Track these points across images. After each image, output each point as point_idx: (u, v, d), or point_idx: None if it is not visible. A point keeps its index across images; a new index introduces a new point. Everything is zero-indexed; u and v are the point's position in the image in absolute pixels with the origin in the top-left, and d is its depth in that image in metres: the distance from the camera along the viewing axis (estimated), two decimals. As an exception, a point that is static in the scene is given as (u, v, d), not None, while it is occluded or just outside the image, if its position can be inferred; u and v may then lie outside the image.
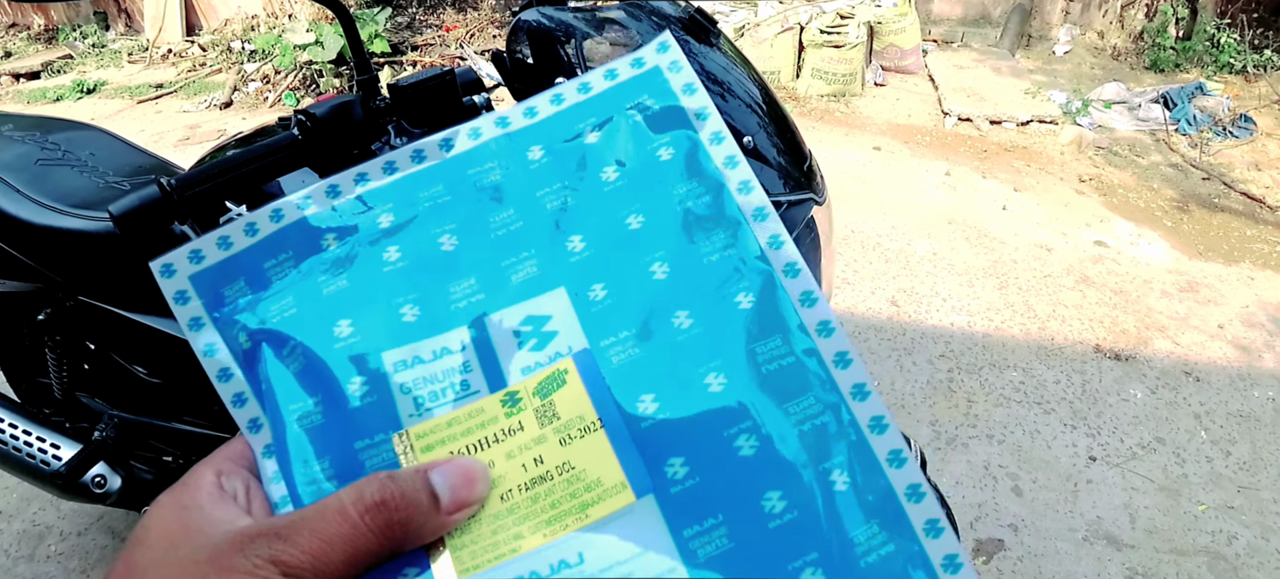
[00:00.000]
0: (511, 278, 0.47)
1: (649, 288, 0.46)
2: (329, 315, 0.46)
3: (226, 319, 0.47)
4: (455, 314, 0.46)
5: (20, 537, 2.35)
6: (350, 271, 0.47)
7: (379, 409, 0.44)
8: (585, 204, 0.48)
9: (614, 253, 0.47)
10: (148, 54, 7.61)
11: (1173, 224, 4.29)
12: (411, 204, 0.49)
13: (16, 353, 1.99)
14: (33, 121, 1.90)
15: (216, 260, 0.48)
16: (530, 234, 0.48)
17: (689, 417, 0.42)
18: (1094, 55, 6.91)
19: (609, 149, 0.49)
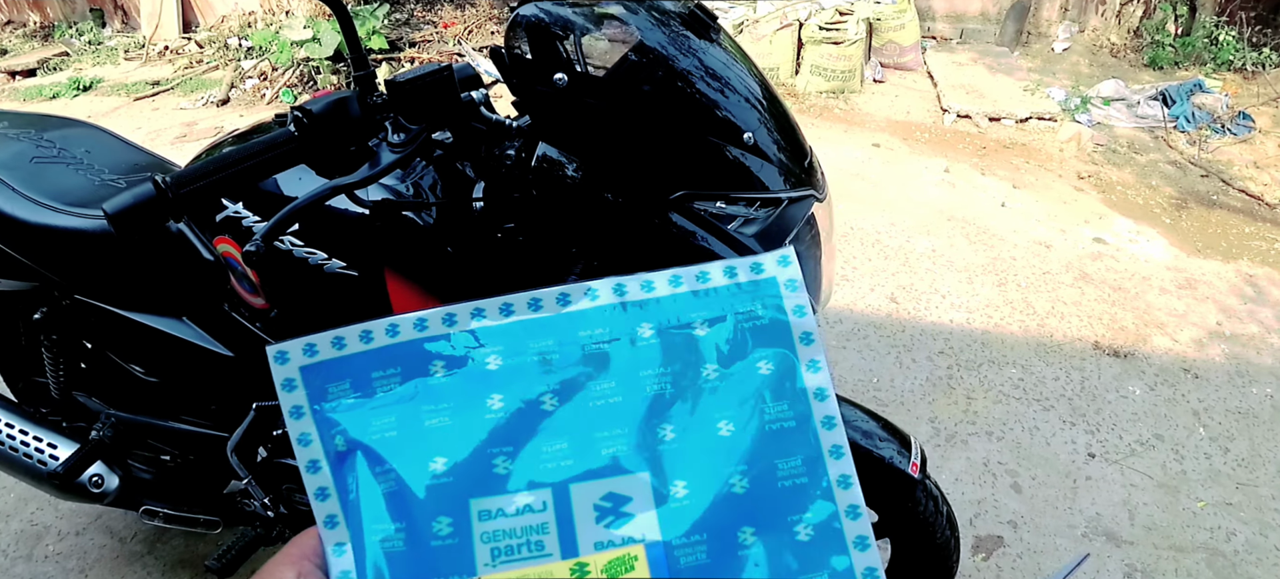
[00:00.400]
0: (602, 451, 0.49)
1: (726, 499, 0.47)
2: (427, 448, 0.49)
3: (326, 417, 0.50)
4: (543, 474, 0.48)
5: (18, 536, 2.35)
6: (454, 409, 0.50)
7: (459, 552, 0.46)
8: (683, 397, 0.50)
9: (700, 454, 0.48)
10: (144, 51, 7.59)
11: (1171, 221, 4.29)
12: (521, 351, 0.51)
13: (13, 352, 1.98)
14: (28, 119, 1.90)
15: (328, 357, 0.51)
16: (627, 413, 0.50)
17: None
18: (1093, 52, 6.90)
19: (715, 348, 0.51)
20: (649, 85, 1.11)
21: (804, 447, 0.49)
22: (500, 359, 0.51)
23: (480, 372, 0.50)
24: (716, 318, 0.52)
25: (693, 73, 1.13)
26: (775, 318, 0.52)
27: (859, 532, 0.48)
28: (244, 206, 1.32)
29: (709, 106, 1.12)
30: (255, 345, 1.54)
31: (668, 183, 1.11)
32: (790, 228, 1.14)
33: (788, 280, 0.52)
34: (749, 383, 0.50)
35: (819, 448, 0.49)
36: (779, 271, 0.53)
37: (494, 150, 1.19)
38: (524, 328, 0.51)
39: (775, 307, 0.52)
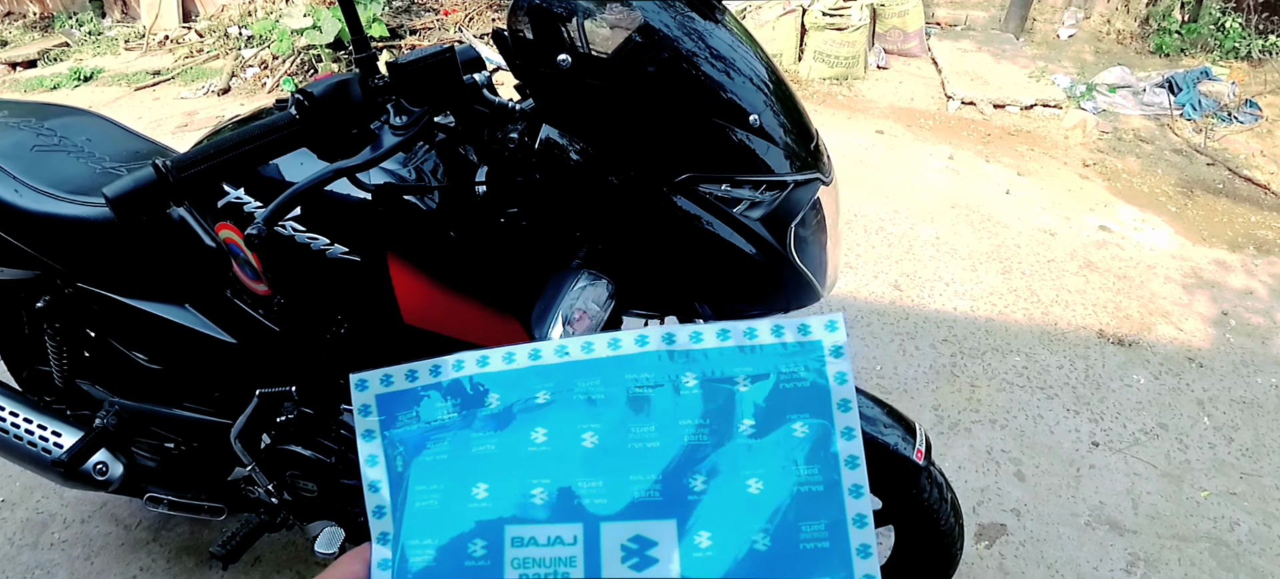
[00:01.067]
0: (634, 494, 0.50)
1: (748, 556, 0.48)
2: (472, 473, 0.52)
3: (393, 440, 0.54)
4: (577, 509, 0.50)
5: (24, 525, 2.35)
6: (501, 438, 0.53)
7: (489, 574, 0.49)
8: (718, 450, 0.51)
9: (728, 508, 0.50)
10: (144, 41, 7.58)
11: (1177, 210, 4.27)
12: (569, 389, 0.54)
13: (16, 341, 1.98)
14: (28, 108, 1.89)
15: (401, 388, 0.56)
16: (662, 459, 0.51)
17: None
18: (1098, 39, 6.87)
19: (754, 404, 0.52)
20: (653, 66, 1.11)
21: (830, 512, 0.50)
22: (549, 395, 0.53)
23: (530, 406, 0.53)
24: (759, 375, 0.53)
25: (697, 54, 1.12)
26: (816, 382, 0.52)
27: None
28: (246, 192, 1.31)
29: (714, 88, 1.11)
30: (258, 332, 1.53)
31: (672, 165, 1.10)
32: (796, 211, 1.13)
33: (833, 346, 0.53)
34: (783, 443, 0.51)
35: (844, 514, 0.50)
36: (826, 336, 0.54)
37: (497, 134, 1.18)
38: (574, 368, 0.54)
39: (818, 371, 0.53)
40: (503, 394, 0.54)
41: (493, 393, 0.54)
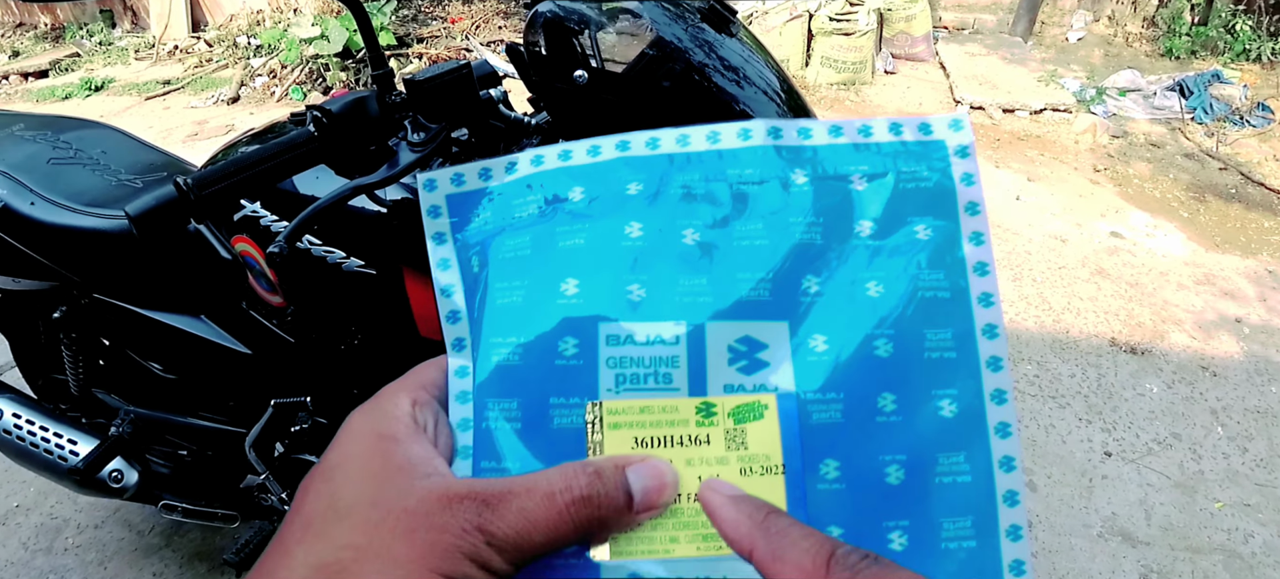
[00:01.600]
0: (742, 293, 0.46)
1: (867, 361, 0.44)
2: (559, 269, 0.47)
3: (466, 241, 0.50)
4: (678, 308, 0.46)
5: (38, 530, 2.37)
6: (590, 232, 0.48)
7: (581, 374, 0.45)
8: (832, 250, 0.47)
9: (844, 311, 0.45)
10: (154, 51, 7.63)
11: (1189, 215, 4.26)
12: (665, 182, 0.49)
13: (33, 350, 1.99)
14: (44, 121, 1.91)
15: (474, 187, 0.51)
16: (772, 255, 0.46)
17: (860, 497, 0.43)
18: (1107, 43, 6.86)
19: (871, 204, 0.47)
20: (668, 81, 1.11)
21: (957, 320, 0.45)
22: (641, 186, 0.49)
23: (621, 198, 0.48)
24: (877, 173, 0.48)
25: (711, 67, 1.12)
26: (941, 183, 0.48)
27: (1002, 417, 0.44)
28: (262, 206, 1.32)
29: (728, 101, 1.12)
30: (273, 343, 1.54)
31: None
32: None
33: (958, 146, 0.48)
34: (905, 246, 0.46)
35: (972, 324, 0.45)
36: (950, 135, 0.49)
37: (512, 148, 1.19)
38: (669, 161, 0.49)
39: (942, 171, 0.48)
40: (588, 187, 0.49)
41: (577, 186, 0.49)
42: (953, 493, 0.43)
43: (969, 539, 0.43)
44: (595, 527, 0.39)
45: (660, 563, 0.41)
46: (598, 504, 0.39)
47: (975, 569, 0.42)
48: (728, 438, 0.44)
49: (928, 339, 0.45)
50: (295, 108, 1.32)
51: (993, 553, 0.43)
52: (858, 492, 0.43)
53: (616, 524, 0.41)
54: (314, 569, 0.35)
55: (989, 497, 0.43)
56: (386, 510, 0.37)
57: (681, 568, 0.41)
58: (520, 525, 0.37)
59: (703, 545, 0.42)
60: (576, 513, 0.38)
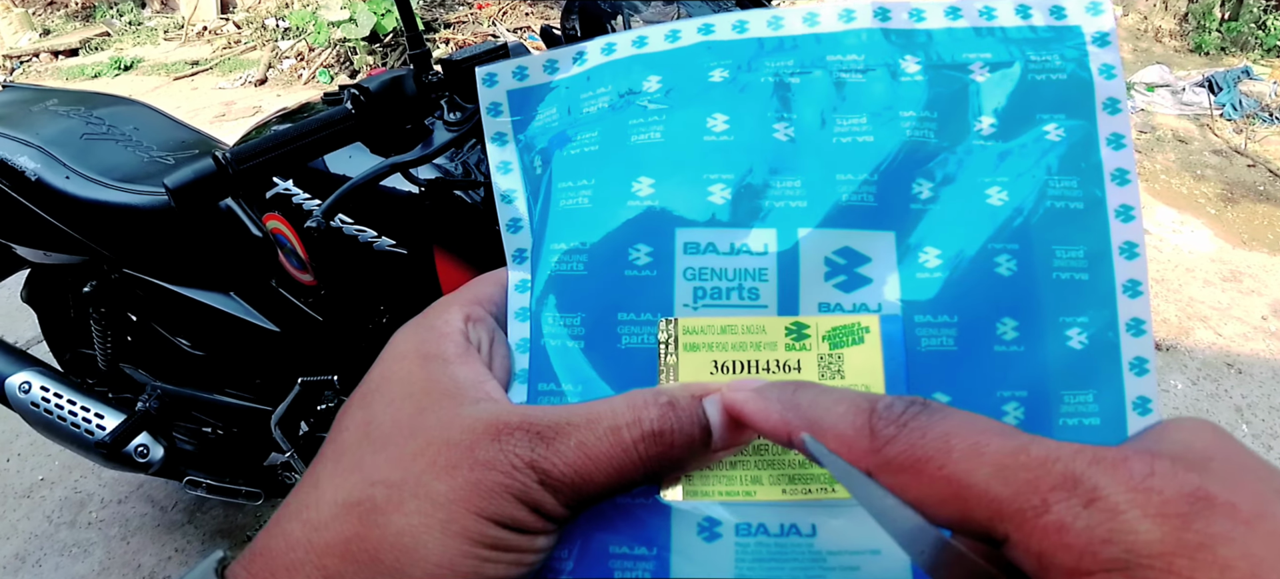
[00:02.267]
0: (842, 196, 0.39)
1: (987, 279, 0.39)
2: (631, 166, 0.41)
3: (528, 141, 0.44)
4: (768, 213, 0.39)
5: (62, 503, 2.40)
6: (667, 124, 0.42)
7: (655, 286, 0.39)
8: (947, 149, 0.40)
9: (962, 220, 0.39)
10: (183, 31, 7.68)
11: (1216, 212, 4.21)
12: (754, 70, 0.42)
13: (62, 324, 2.01)
14: (77, 96, 1.92)
15: (538, 82, 0.45)
16: (878, 154, 0.40)
17: None
18: (1136, 37, 6.78)
19: (994, 97, 0.41)
20: None
21: (1091, 236, 0.39)
22: (727, 74, 0.42)
23: (702, 86, 0.42)
24: (1001, 63, 0.41)
25: None
26: (1077, 75, 0.41)
27: (1139, 351, 0.38)
28: (294, 184, 1.33)
29: None
30: (301, 321, 1.55)
31: None
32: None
33: (1096, 33, 0.41)
34: (1033, 147, 0.40)
35: (1108, 241, 0.39)
36: (1088, 21, 0.42)
37: None
38: (759, 46, 0.42)
39: (1078, 61, 0.41)
40: (666, 76, 0.43)
41: (653, 75, 0.43)
42: (1079, 438, 0.33)
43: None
44: (667, 465, 0.34)
45: (739, 507, 0.36)
46: (670, 440, 0.33)
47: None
48: (821, 364, 0.38)
49: (1057, 257, 0.39)
50: (322, 90, 1.32)
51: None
52: None
53: (690, 462, 0.35)
54: (342, 507, 0.31)
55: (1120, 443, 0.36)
56: (427, 441, 0.32)
57: (766, 513, 0.36)
58: (579, 463, 0.32)
59: (790, 488, 0.36)
60: (645, 450, 0.33)
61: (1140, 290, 0.39)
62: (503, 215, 0.43)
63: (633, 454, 0.32)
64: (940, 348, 0.38)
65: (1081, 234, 0.39)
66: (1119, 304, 0.39)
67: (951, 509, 0.25)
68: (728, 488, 0.36)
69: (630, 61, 0.44)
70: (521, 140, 0.44)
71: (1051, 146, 0.40)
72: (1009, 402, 0.37)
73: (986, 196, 0.39)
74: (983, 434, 0.26)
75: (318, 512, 0.31)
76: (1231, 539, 0.21)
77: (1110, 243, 0.39)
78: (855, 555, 0.35)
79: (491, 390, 0.36)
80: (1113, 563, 0.22)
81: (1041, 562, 0.23)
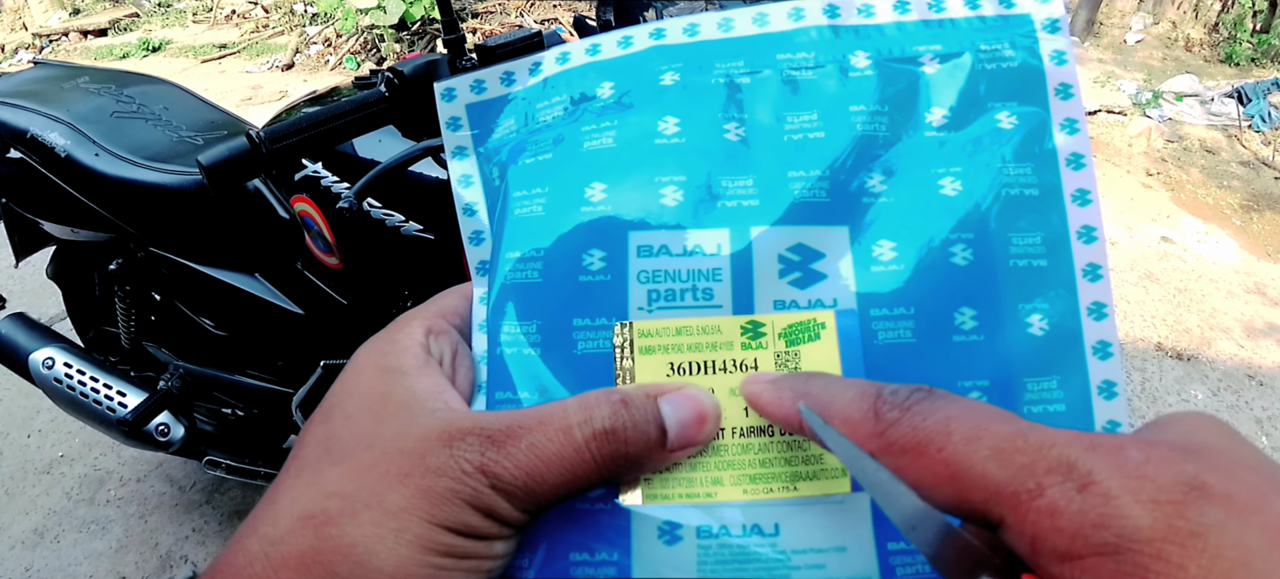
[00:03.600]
0: (794, 193, 0.39)
1: (943, 270, 0.38)
2: (584, 172, 0.41)
3: (488, 153, 0.45)
4: (721, 212, 0.39)
5: (82, 480, 2.42)
6: (619, 129, 0.42)
7: (609, 291, 0.39)
8: (899, 142, 0.40)
9: (916, 212, 0.39)
10: (212, 14, 7.73)
11: (1242, 223, 4.17)
12: (705, 71, 0.42)
13: (86, 302, 2.03)
14: (108, 75, 1.94)
15: (496, 94, 0.45)
16: (829, 150, 0.40)
17: None
18: (1166, 46, 6.72)
19: (945, 89, 0.41)
20: None
21: (1048, 222, 0.39)
22: (678, 76, 0.42)
23: (654, 90, 0.42)
24: (952, 54, 0.41)
25: None
26: (1027, 62, 0.41)
27: (1101, 335, 0.38)
28: (323, 167, 1.33)
29: None
30: (326, 303, 1.56)
31: None
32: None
33: (1047, 20, 0.41)
34: (986, 136, 0.40)
35: (1066, 226, 0.39)
36: (1036, 9, 0.42)
37: None
38: (711, 48, 0.43)
39: (1028, 48, 0.41)
40: (619, 81, 0.43)
41: (606, 81, 0.43)
42: (1043, 422, 0.33)
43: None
44: (622, 466, 0.34)
45: (701, 509, 0.36)
46: (624, 439, 0.33)
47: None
48: (778, 362, 0.38)
49: (1013, 244, 0.39)
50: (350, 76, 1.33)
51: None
52: None
53: (647, 463, 0.35)
54: (298, 520, 0.31)
55: (1087, 429, 0.36)
56: (382, 451, 0.32)
57: (728, 514, 0.36)
58: (531, 465, 0.32)
59: (751, 488, 0.36)
60: (599, 449, 0.32)
61: (1100, 274, 0.39)
62: (465, 228, 0.44)
63: (585, 454, 0.32)
64: (898, 340, 0.38)
65: (1038, 220, 0.39)
66: (1079, 289, 0.38)
67: (950, 491, 0.26)
68: (688, 490, 0.36)
69: (584, 69, 0.44)
70: (481, 153, 0.45)
71: (1005, 135, 0.40)
72: (971, 391, 0.37)
73: (940, 187, 0.39)
74: (983, 419, 0.26)
75: (275, 527, 0.31)
76: (1224, 528, 0.22)
77: (1068, 228, 0.39)
78: (820, 553, 0.35)
79: (450, 400, 0.36)
80: (1103, 547, 0.22)
81: (1034, 545, 0.24)
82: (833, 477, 0.36)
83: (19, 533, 2.26)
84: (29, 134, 1.64)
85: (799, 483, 0.36)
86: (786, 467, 0.37)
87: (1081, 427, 0.36)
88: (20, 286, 3.25)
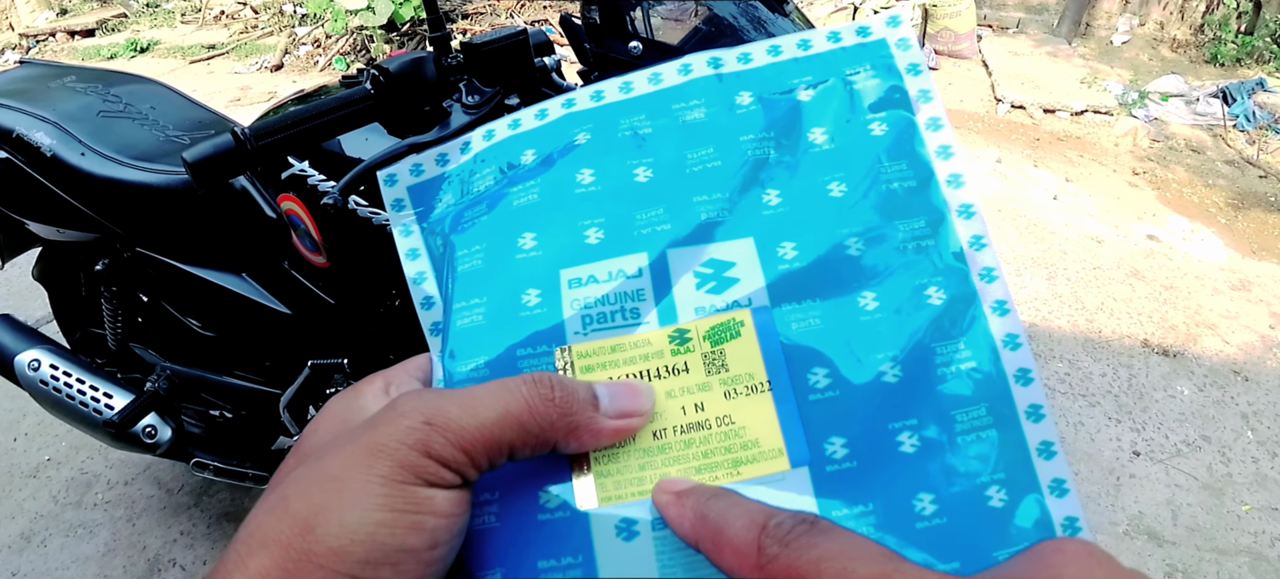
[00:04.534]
0: (701, 215, 0.44)
1: (840, 260, 0.43)
2: (515, 226, 0.46)
3: (430, 228, 0.49)
4: (638, 240, 0.44)
5: (69, 484, 2.41)
6: (542, 185, 0.47)
7: (547, 322, 0.43)
8: (787, 159, 0.46)
9: (810, 216, 0.44)
10: (200, 15, 7.69)
11: (1227, 221, 4.20)
12: (612, 128, 0.48)
13: (71, 302, 2.02)
14: (95, 74, 1.93)
15: (433, 174, 0.50)
16: (727, 175, 0.45)
17: (857, 401, 0.40)
18: (1152, 46, 6.76)
19: (821, 111, 0.46)
20: None
21: (928, 207, 0.44)
22: (589, 135, 0.48)
23: (569, 148, 0.48)
24: (821, 81, 0.47)
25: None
26: (887, 80, 0.47)
27: (997, 295, 0.42)
28: (310, 165, 1.33)
29: None
30: (313, 303, 1.56)
31: None
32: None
33: (899, 40, 0.48)
34: (862, 143, 0.45)
35: (944, 207, 0.44)
36: (889, 32, 0.48)
37: None
38: (616, 109, 0.49)
39: (887, 67, 0.47)
40: (539, 147, 0.49)
41: (528, 149, 0.49)
42: (959, 382, 0.40)
43: (988, 427, 0.39)
44: (561, 425, 0.36)
45: (654, 505, 0.38)
46: (558, 390, 0.36)
47: (1002, 455, 0.39)
48: (707, 362, 0.42)
49: (900, 229, 0.43)
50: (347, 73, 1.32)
51: (1016, 435, 0.39)
52: (854, 397, 0.40)
53: (585, 424, 0.37)
54: (262, 521, 0.32)
55: (1000, 378, 0.40)
56: (340, 445, 0.34)
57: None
58: (469, 407, 0.34)
59: (697, 478, 0.39)
60: (532, 394, 0.35)
61: (984, 243, 0.43)
62: (416, 296, 0.48)
63: (518, 396, 0.35)
64: (810, 328, 0.42)
65: (920, 207, 0.44)
66: (969, 259, 0.43)
67: None
68: (640, 489, 0.39)
69: (508, 141, 0.50)
70: (425, 227, 0.50)
71: (879, 139, 0.45)
72: (885, 362, 0.40)
73: (829, 191, 0.44)
74: (854, 561, 0.29)
75: (247, 543, 0.32)
76: None
77: (948, 209, 0.44)
78: None
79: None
80: None
81: None
82: (772, 457, 0.40)
83: (5, 537, 2.25)
84: (14, 134, 1.63)
85: (741, 467, 0.39)
86: (727, 454, 0.40)
87: (994, 375, 0.40)
88: (6, 289, 3.24)
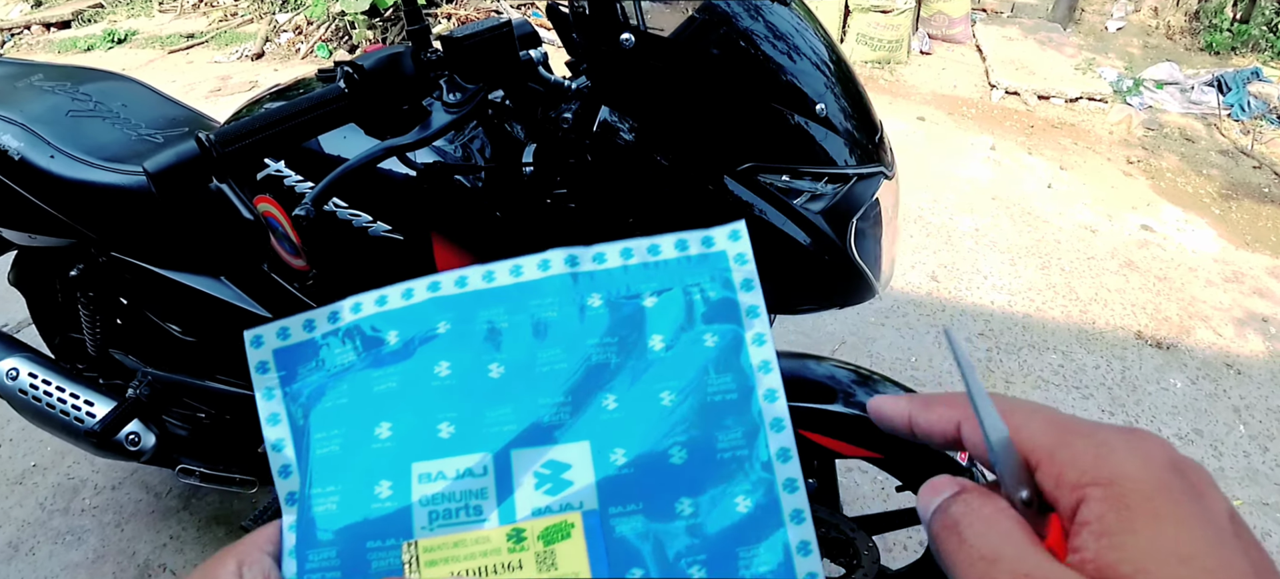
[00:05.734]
0: (544, 418, 0.49)
1: (664, 469, 0.48)
2: (373, 414, 0.49)
3: (293, 395, 0.52)
4: (485, 439, 0.48)
5: (55, 489, 2.36)
6: (402, 374, 0.51)
7: (396, 515, 0.46)
8: (627, 366, 0.50)
9: (641, 423, 0.49)
10: (179, 4, 7.60)
11: (1221, 212, 4.19)
12: (471, 319, 0.52)
13: (50, 308, 1.97)
14: (64, 72, 1.87)
15: (300, 340, 0.52)
16: (570, 379, 0.50)
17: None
18: (1147, 34, 6.74)
19: (661, 319, 0.52)
20: (717, 48, 1.07)
21: (745, 420, 0.49)
22: (449, 325, 0.52)
23: (430, 339, 0.51)
24: (665, 289, 0.53)
25: (760, 35, 1.08)
26: (722, 294, 0.52)
27: (796, 505, 0.47)
28: (286, 165, 1.28)
29: (777, 71, 1.07)
30: (294, 306, 1.51)
31: (734, 153, 1.07)
32: (858, 206, 1.09)
33: (737, 254, 0.53)
34: (694, 355, 0.51)
35: (760, 421, 0.49)
36: (729, 245, 0.53)
37: (550, 113, 1.14)
38: (475, 298, 0.52)
39: (723, 281, 0.52)
40: (402, 330, 0.52)
41: (392, 329, 0.52)
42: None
43: None
44: None
45: None
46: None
47: None
48: (539, 561, 0.45)
49: (719, 441, 0.48)
50: (320, 65, 1.28)
51: None
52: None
53: None
54: None
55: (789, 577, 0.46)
56: None
57: None
58: None
59: None
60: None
61: (790, 455, 0.48)
62: (274, 463, 0.50)
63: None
64: (631, 530, 0.46)
65: (738, 419, 0.49)
66: (776, 470, 0.48)
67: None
68: None
69: (375, 318, 0.52)
70: (288, 393, 0.52)
71: (709, 352, 0.51)
72: (693, 565, 0.46)
73: (660, 400, 0.49)
74: (1042, 407, 0.37)
75: None
76: (1189, 500, 0.32)
77: (763, 421, 0.49)
78: None
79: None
80: (1100, 479, 0.31)
81: (1057, 481, 0.33)
82: None
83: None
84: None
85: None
86: None
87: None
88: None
